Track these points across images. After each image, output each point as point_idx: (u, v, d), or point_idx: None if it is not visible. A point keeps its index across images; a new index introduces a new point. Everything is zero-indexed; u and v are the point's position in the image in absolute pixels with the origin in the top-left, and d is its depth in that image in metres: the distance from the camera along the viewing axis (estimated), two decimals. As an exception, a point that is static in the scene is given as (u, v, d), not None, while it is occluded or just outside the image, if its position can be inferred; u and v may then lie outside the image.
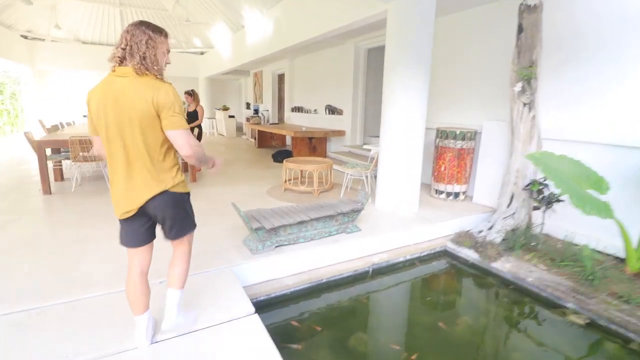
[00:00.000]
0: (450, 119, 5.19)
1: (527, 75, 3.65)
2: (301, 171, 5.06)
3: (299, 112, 10.00)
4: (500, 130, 4.30)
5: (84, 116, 13.93)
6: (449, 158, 4.58)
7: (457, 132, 4.50)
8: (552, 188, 3.63)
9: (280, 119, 11.88)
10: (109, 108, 1.55)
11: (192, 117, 6.29)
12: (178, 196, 1.70)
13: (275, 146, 10.21)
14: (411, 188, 4.13)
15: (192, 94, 6.33)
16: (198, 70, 15.44)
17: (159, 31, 1.65)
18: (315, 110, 9.18)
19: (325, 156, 8.20)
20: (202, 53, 15.04)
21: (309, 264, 3.04)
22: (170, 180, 1.66)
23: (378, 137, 4.32)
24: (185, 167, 6.29)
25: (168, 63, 1.72)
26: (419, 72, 3.87)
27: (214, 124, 14.15)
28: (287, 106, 10.72)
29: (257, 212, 3.14)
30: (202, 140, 6.37)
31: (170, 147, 1.66)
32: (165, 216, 1.69)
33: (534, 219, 3.89)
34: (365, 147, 5.31)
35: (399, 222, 3.83)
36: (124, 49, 1.56)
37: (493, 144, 4.42)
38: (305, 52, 8.96)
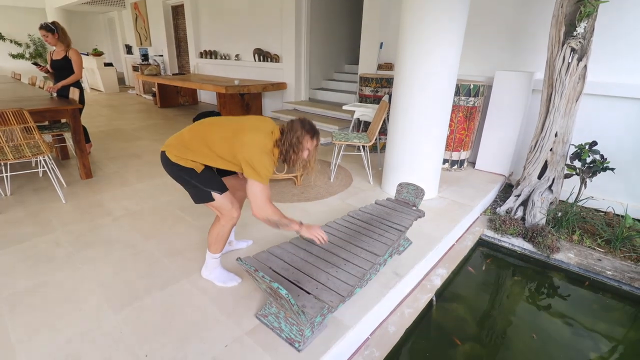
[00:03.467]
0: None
1: (588, 11, 2.79)
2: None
3: (210, 57, 7.79)
4: (519, 83, 3.51)
5: None
6: (458, 119, 3.67)
7: (471, 87, 3.57)
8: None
9: (183, 68, 9.31)
10: None
11: (63, 68, 3.92)
12: (168, 160, 1.71)
13: (185, 104, 7.95)
14: (433, 164, 3.12)
15: (53, 30, 3.87)
16: (42, -2, 10.97)
17: None
18: (237, 56, 7.20)
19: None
20: (44, -29, 10.58)
21: (372, 323, 1.84)
22: (174, 150, 1.69)
23: (328, 90, 3.08)
24: (64, 153, 4.07)
25: None
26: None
27: (84, 75, 10.51)
28: (193, 51, 8.30)
29: (277, 261, 1.72)
30: (85, 106, 4.10)
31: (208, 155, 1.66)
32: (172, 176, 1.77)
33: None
34: (346, 107, 4.02)
35: (430, 212, 2.84)
36: None
37: (505, 101, 3.64)
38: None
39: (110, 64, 10.13)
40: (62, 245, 2.35)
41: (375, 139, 3.76)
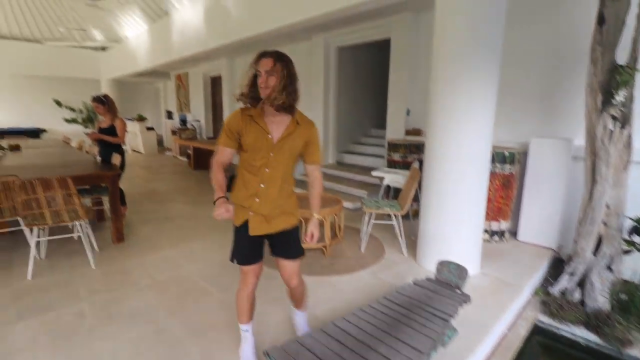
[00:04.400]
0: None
1: (625, 80, 2.72)
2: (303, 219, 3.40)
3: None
4: (557, 150, 3.38)
5: None
6: (495, 187, 3.52)
7: (506, 154, 3.46)
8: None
9: (218, 132, 9.85)
10: None
11: (108, 135, 4.20)
12: None
13: (216, 165, 8.23)
14: (473, 235, 2.92)
15: (104, 102, 4.24)
16: (99, 71, 12.36)
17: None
18: (268, 121, 7.54)
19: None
20: (103, 48, 12.06)
21: None
22: None
23: (355, 154, 3.01)
24: (100, 215, 4.19)
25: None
26: (488, 63, 2.68)
27: (127, 138, 11.34)
28: (227, 115, 8.83)
29: (307, 354, 1.55)
30: (125, 168, 4.31)
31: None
32: None
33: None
34: (375, 173, 3.98)
35: (474, 293, 2.57)
36: None
37: (544, 169, 3.48)
38: (255, 49, 7.27)
39: (151, 128, 10.92)
40: (85, 317, 2.27)
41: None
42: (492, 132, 2.82)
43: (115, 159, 3.97)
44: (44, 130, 11.98)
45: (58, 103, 12.40)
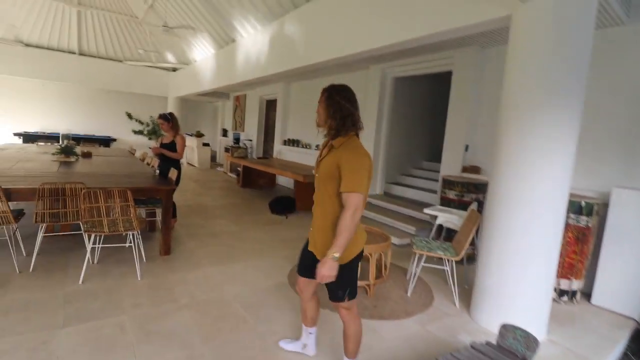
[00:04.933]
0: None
1: None
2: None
3: (292, 145, 8.36)
4: (647, 204, 2.93)
5: (19, 135, 11.28)
6: (567, 240, 3.12)
7: (582, 204, 3.08)
8: None
9: (267, 153, 10.13)
10: None
11: (169, 150, 4.42)
12: None
13: (263, 186, 8.40)
14: (540, 294, 2.57)
15: (169, 119, 4.50)
16: (167, 89, 13.44)
17: None
18: (316, 146, 7.60)
19: (334, 205, 6.54)
20: (173, 69, 13.13)
21: None
22: None
23: (404, 186, 2.78)
24: (151, 225, 4.34)
25: None
26: (570, 103, 2.41)
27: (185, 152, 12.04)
28: (277, 138, 9.06)
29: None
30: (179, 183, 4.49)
31: None
32: None
33: None
34: (428, 211, 3.75)
35: (541, 365, 2.21)
36: None
37: (629, 224, 3.03)
38: (312, 76, 7.48)
39: (207, 144, 11.51)
40: (125, 331, 2.28)
41: (462, 251, 3.33)
42: (570, 178, 2.52)
43: (172, 173, 4.14)
44: (114, 140, 13.13)
45: (129, 116, 13.58)
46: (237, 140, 10.62)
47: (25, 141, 10.93)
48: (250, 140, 10.33)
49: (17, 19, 9.60)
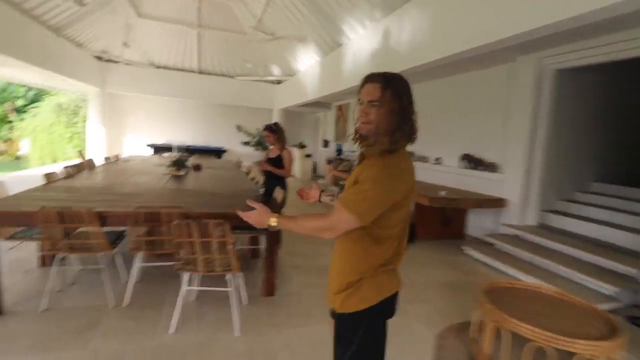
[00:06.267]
0: None
1: None
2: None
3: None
4: None
5: (150, 146, 12.65)
6: None
7: None
8: None
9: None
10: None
11: (274, 165, 3.83)
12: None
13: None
14: None
15: (274, 130, 3.91)
16: (272, 101, 13.71)
17: None
18: (437, 160, 6.37)
19: (463, 236, 5.23)
20: (278, 82, 13.33)
21: None
22: None
23: (568, 216, 1.89)
24: (254, 252, 3.78)
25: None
26: None
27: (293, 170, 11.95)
28: (386, 149, 8.05)
29: None
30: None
31: None
32: None
33: None
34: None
35: None
36: None
37: None
38: (426, 77, 6.33)
39: (309, 156, 11.18)
40: None
41: None
42: None
43: (278, 193, 3.51)
44: (224, 151, 13.88)
45: (238, 128, 14.26)
46: (339, 151, 9.98)
47: (155, 152, 12.20)
48: (354, 152, 9.56)
49: (150, 44, 10.74)
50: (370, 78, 1.24)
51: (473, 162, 5.40)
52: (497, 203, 4.72)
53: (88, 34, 9.09)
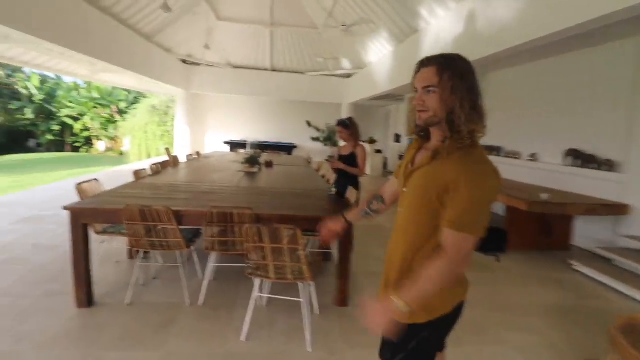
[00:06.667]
0: None
1: None
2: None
3: (490, 153, 6.45)
4: None
5: (228, 143, 13.37)
6: None
7: None
8: None
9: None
10: None
11: (348, 163, 3.59)
12: None
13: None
14: None
15: (348, 126, 3.66)
16: (342, 96, 13.48)
17: None
18: (532, 156, 5.52)
19: (568, 248, 4.42)
20: (348, 76, 13.05)
21: None
22: None
23: None
24: (325, 256, 3.59)
25: None
26: None
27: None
28: (467, 144, 7.28)
29: None
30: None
31: None
32: None
33: None
34: None
35: None
36: None
37: None
38: (518, 61, 5.49)
39: (379, 151, 10.75)
40: None
41: None
42: None
43: (351, 194, 3.27)
44: (295, 146, 14.10)
45: (308, 124, 14.36)
46: (412, 146, 9.37)
47: (231, 148, 12.88)
48: (429, 147, 8.90)
49: (227, 45, 11.26)
50: (425, 62, 1.14)
51: (582, 158, 4.52)
52: (616, 209, 3.86)
53: (175, 39, 9.82)
